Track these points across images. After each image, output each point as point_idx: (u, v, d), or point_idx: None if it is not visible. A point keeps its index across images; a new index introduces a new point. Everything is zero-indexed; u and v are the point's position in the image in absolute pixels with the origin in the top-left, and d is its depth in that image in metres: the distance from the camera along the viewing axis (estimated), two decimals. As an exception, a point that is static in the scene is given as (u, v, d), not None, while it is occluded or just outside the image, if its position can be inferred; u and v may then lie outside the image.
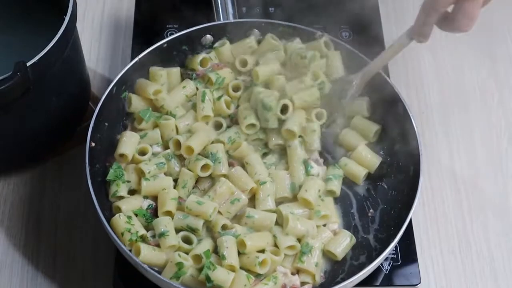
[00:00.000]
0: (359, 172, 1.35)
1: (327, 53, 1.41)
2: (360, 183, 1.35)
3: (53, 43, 1.22)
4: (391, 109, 1.36)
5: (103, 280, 1.32)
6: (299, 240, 1.26)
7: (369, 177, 1.37)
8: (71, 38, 1.29)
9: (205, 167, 1.30)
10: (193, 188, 1.31)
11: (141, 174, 1.30)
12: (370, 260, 1.23)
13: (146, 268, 1.18)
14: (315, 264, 1.24)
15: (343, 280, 1.21)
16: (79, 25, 1.35)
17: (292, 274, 1.25)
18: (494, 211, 1.42)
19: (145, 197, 1.30)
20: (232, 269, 1.21)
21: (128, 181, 1.30)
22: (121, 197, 1.29)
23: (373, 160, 1.36)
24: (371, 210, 1.33)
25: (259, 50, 1.44)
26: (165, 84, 1.41)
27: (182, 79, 1.43)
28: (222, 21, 1.44)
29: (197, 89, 1.41)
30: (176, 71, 1.42)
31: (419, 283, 1.29)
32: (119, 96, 1.37)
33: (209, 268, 1.19)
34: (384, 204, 1.34)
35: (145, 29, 1.57)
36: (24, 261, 1.35)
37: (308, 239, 1.25)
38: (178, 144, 1.33)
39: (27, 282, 1.33)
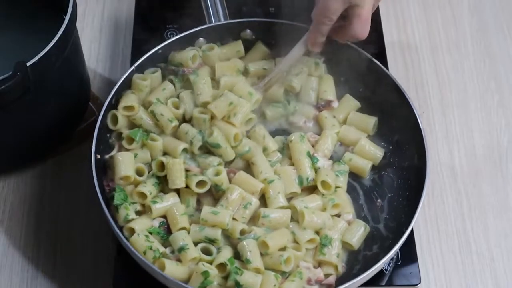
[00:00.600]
0: (364, 166, 1.35)
1: (321, 75, 1.42)
2: (366, 177, 1.36)
3: (53, 43, 1.22)
4: (389, 98, 1.36)
5: (103, 280, 1.32)
6: (317, 233, 1.26)
7: (373, 167, 1.37)
8: (71, 38, 1.29)
9: (201, 183, 1.28)
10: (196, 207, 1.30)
11: (142, 196, 1.28)
12: (383, 249, 1.25)
13: (178, 282, 1.17)
14: (336, 255, 1.25)
15: (360, 271, 1.22)
16: (79, 25, 1.35)
17: (314, 267, 1.25)
18: (494, 211, 1.42)
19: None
20: (258, 271, 1.21)
21: (134, 203, 1.28)
22: (132, 220, 1.26)
23: (377, 152, 1.36)
24: (378, 200, 1.34)
25: (249, 57, 1.44)
26: (148, 91, 1.38)
27: (163, 76, 1.41)
28: (213, 23, 1.44)
29: (174, 84, 1.39)
30: (157, 74, 1.40)
31: (419, 283, 1.29)
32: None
33: (237, 273, 1.19)
34: (391, 192, 1.34)
35: (145, 29, 1.57)
36: (24, 261, 1.35)
37: (326, 231, 1.26)
38: (162, 165, 1.31)
39: (27, 282, 1.33)
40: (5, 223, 1.39)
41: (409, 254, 1.31)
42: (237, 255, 1.23)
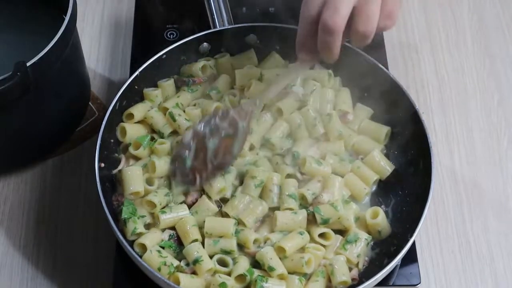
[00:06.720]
0: (370, 178, 1.33)
1: (336, 87, 1.41)
2: (369, 187, 1.33)
3: (53, 43, 1.22)
4: (394, 104, 1.36)
5: (103, 280, 1.32)
6: (343, 231, 1.27)
7: None
8: (71, 38, 1.29)
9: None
10: None
11: (151, 205, 1.27)
12: (388, 255, 1.24)
13: None
14: (357, 254, 1.25)
15: (363, 278, 1.23)
16: (79, 25, 1.35)
17: None
18: (494, 211, 1.42)
19: (163, 229, 1.27)
20: (282, 277, 1.21)
21: (143, 216, 1.26)
22: (140, 234, 1.25)
23: (386, 167, 1.34)
24: (382, 206, 1.33)
25: (263, 65, 1.43)
26: (161, 101, 1.39)
27: (176, 86, 1.41)
28: (218, 28, 1.43)
29: (189, 90, 1.40)
30: (170, 83, 1.40)
31: (419, 283, 1.29)
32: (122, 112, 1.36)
33: (262, 280, 1.18)
34: (396, 198, 1.33)
35: (145, 30, 1.57)
36: (24, 261, 1.35)
37: (357, 230, 1.26)
38: None
39: (27, 282, 1.33)
40: (5, 223, 1.39)
41: (409, 254, 1.31)
42: (255, 265, 1.23)
